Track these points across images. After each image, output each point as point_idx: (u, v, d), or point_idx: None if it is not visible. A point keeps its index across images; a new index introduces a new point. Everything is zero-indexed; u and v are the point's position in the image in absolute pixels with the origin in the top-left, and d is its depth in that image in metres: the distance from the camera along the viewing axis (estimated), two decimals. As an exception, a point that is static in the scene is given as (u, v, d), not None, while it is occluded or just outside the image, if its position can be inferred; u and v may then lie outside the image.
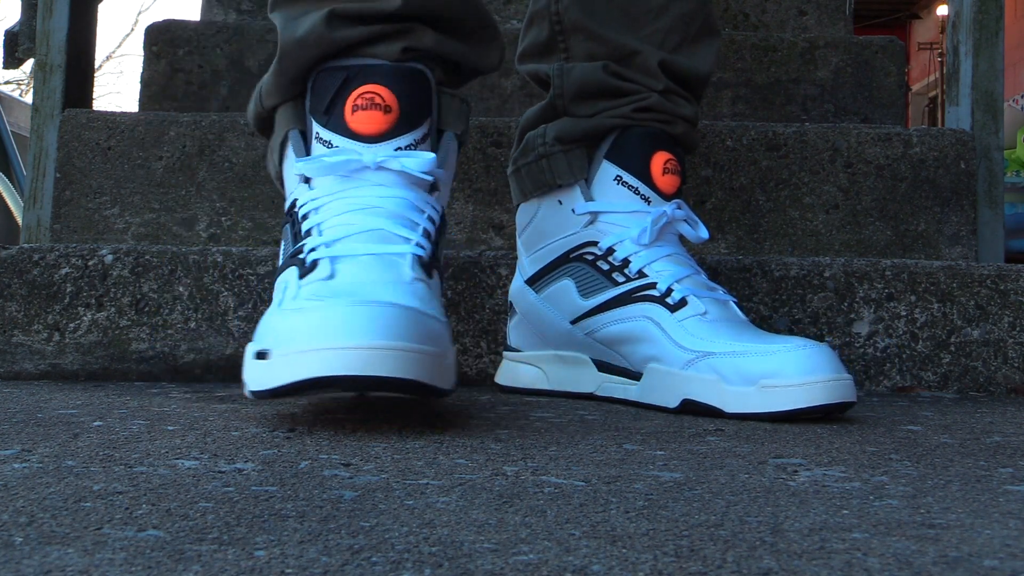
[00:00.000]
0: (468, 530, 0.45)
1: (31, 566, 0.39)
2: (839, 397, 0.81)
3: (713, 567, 0.40)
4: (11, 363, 1.06)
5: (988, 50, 1.42)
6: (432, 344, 0.69)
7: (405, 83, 0.84)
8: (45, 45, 1.48)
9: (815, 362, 0.82)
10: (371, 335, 0.65)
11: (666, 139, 0.98)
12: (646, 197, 0.95)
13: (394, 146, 0.82)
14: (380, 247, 0.77)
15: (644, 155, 0.96)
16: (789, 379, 0.81)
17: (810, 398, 0.81)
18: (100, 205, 1.38)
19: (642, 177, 0.96)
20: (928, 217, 1.34)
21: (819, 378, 0.81)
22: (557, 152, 0.99)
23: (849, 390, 0.82)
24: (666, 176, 0.96)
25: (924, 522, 0.48)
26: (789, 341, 0.84)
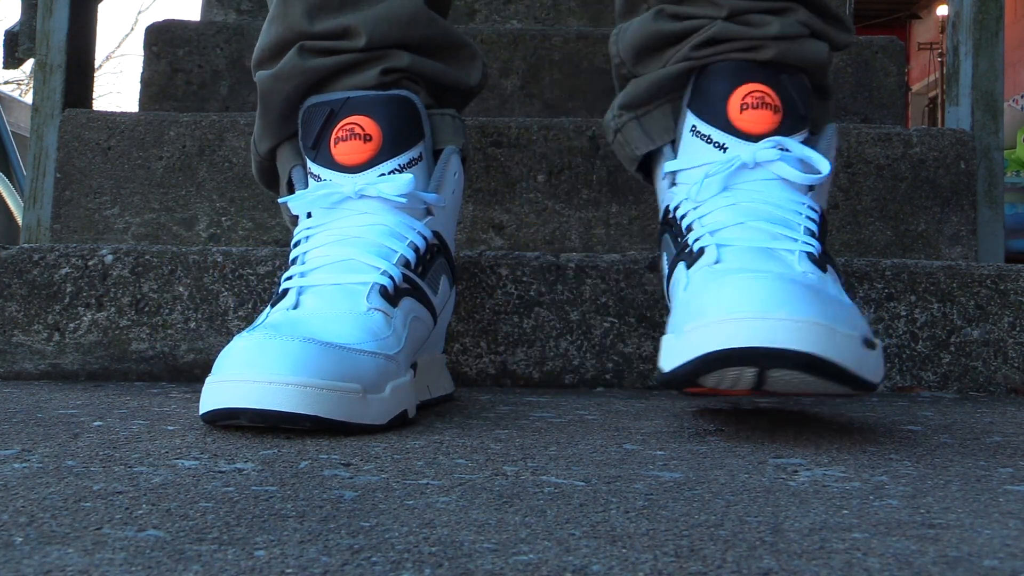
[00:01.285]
0: (468, 530, 0.45)
1: (31, 566, 0.39)
2: (774, 340, 0.62)
3: (713, 567, 0.40)
4: (11, 363, 1.06)
5: (988, 50, 1.42)
6: (348, 380, 0.70)
7: (387, 110, 0.85)
8: (45, 45, 1.48)
9: (739, 294, 0.64)
10: (272, 370, 0.67)
11: (750, 69, 0.84)
12: (720, 144, 0.82)
13: (377, 173, 0.83)
14: (345, 277, 0.79)
15: (720, 94, 0.83)
16: (704, 319, 0.65)
17: (717, 341, 0.63)
18: (100, 205, 1.38)
19: (717, 121, 0.83)
20: (928, 217, 1.34)
21: (734, 314, 0.63)
22: (628, 120, 0.91)
23: (798, 333, 0.63)
24: (746, 113, 0.82)
25: (924, 522, 0.48)
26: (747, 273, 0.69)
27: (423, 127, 0.87)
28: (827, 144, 0.85)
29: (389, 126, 0.84)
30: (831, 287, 0.73)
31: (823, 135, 0.86)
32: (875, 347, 0.69)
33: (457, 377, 1.04)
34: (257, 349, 0.69)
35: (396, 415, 0.74)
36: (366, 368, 0.72)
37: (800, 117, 0.84)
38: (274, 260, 1.07)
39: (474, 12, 1.84)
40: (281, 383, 0.67)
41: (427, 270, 0.84)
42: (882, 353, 0.71)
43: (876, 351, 0.69)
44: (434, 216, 0.86)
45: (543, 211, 1.32)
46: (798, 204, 0.79)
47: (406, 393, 0.76)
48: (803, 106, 0.84)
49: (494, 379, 1.04)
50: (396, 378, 0.75)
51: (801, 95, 0.85)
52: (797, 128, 0.83)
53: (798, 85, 0.85)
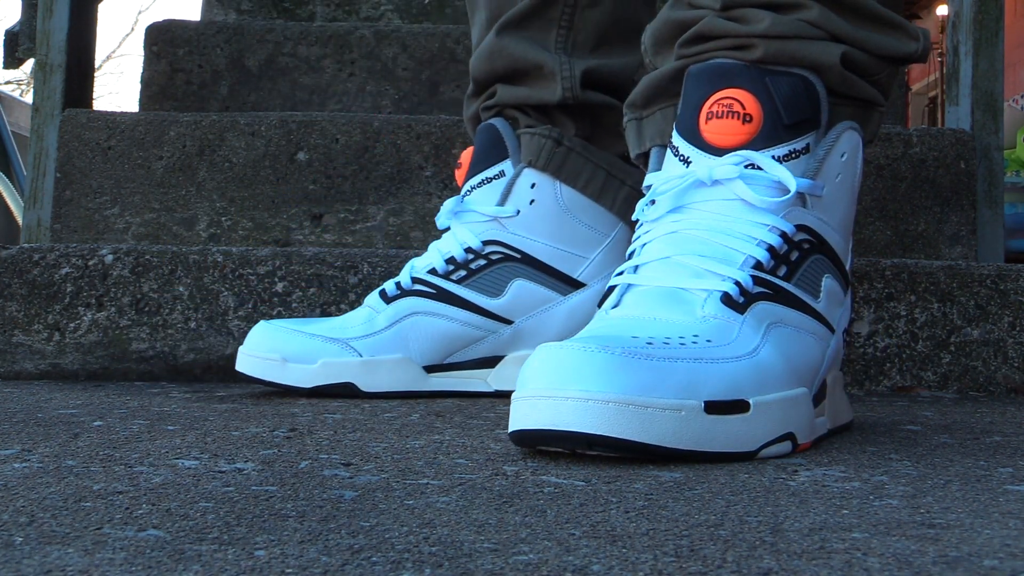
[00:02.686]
0: (468, 530, 0.45)
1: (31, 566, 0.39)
2: (540, 422, 0.59)
3: (713, 567, 0.40)
4: (11, 363, 1.06)
5: (988, 50, 1.42)
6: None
7: (477, 139, 1.02)
8: (45, 45, 1.48)
9: (534, 370, 0.61)
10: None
11: (732, 72, 0.74)
12: (685, 157, 0.74)
13: (463, 192, 1.01)
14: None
15: (695, 100, 0.75)
16: (516, 391, 0.62)
17: (513, 420, 0.62)
18: (100, 205, 1.38)
19: (687, 131, 0.74)
20: (928, 217, 1.34)
21: (526, 392, 0.60)
22: (630, 121, 0.85)
23: (582, 412, 0.57)
24: (711, 123, 0.73)
25: (924, 522, 0.48)
26: (580, 340, 0.62)
27: (505, 148, 1.00)
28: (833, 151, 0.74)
29: (475, 153, 1.01)
30: (723, 336, 0.65)
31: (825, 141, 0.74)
32: (740, 410, 0.61)
33: (457, 377, 1.04)
34: None
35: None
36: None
37: (784, 127, 0.72)
38: (274, 260, 1.07)
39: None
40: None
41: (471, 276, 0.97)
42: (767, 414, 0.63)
43: (738, 416, 0.61)
44: (502, 226, 0.97)
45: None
46: (756, 227, 0.70)
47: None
48: (790, 114, 0.73)
49: (494, 379, 1.04)
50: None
51: (791, 102, 0.73)
52: (778, 140, 0.72)
53: (790, 90, 0.73)
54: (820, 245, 0.74)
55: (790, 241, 0.71)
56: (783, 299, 0.70)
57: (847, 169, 0.75)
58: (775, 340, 0.67)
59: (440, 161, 1.38)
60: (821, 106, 0.75)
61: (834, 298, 0.75)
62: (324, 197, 1.37)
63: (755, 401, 0.62)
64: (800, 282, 0.72)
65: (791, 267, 0.71)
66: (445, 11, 1.91)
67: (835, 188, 0.74)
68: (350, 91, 1.64)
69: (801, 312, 0.71)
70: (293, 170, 1.38)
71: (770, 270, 0.70)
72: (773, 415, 0.63)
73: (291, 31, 1.64)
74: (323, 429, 0.73)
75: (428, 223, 1.36)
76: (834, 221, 0.75)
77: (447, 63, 1.64)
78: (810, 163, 0.73)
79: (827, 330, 0.73)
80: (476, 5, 1.07)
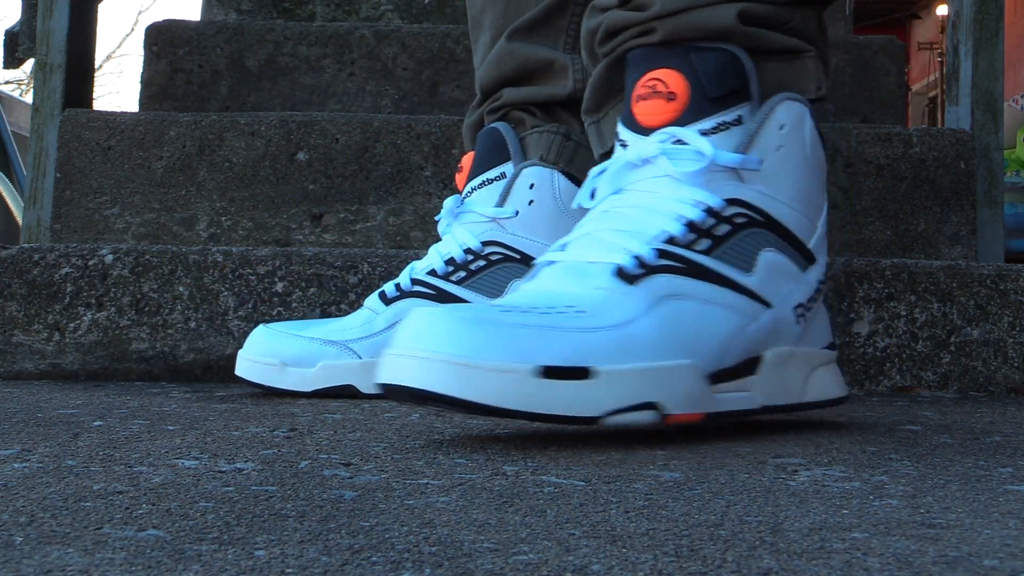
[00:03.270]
0: (468, 530, 0.45)
1: (31, 566, 0.39)
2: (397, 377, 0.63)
3: (713, 567, 0.40)
4: (11, 363, 1.06)
5: (988, 50, 1.42)
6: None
7: (479, 142, 1.03)
8: (45, 45, 1.48)
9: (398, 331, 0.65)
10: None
11: (656, 55, 0.76)
12: (623, 142, 0.76)
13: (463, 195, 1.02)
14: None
15: (629, 87, 0.77)
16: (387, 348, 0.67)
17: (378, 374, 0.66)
18: (100, 205, 1.38)
19: (625, 117, 0.77)
20: (928, 217, 1.34)
21: (391, 350, 0.65)
22: (590, 125, 0.87)
23: (401, 370, 0.62)
24: (640, 105, 0.75)
25: (924, 522, 0.48)
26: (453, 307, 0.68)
27: (508, 150, 1.01)
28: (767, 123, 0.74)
29: (477, 155, 1.02)
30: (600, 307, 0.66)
31: (759, 113, 0.74)
32: (581, 376, 0.63)
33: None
34: None
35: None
36: None
37: (711, 101, 0.73)
38: (274, 260, 1.07)
39: (474, 12, 1.84)
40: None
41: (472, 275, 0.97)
42: (616, 381, 0.64)
43: (577, 382, 0.63)
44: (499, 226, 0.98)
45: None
46: (678, 203, 0.72)
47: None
48: (715, 87, 0.73)
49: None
50: None
51: (717, 75, 0.73)
52: (704, 113, 0.73)
53: (715, 64, 0.74)
54: (762, 220, 0.74)
55: (716, 215, 0.72)
56: (694, 273, 0.70)
57: (789, 140, 0.75)
58: (664, 312, 0.68)
59: (440, 161, 1.38)
60: (749, 76, 0.75)
61: (778, 273, 0.74)
62: (324, 197, 1.37)
63: (602, 369, 0.63)
64: (725, 255, 0.72)
65: (716, 241, 0.72)
66: (445, 11, 1.91)
67: (778, 160, 0.74)
68: (350, 91, 1.64)
69: (716, 285, 0.71)
70: (293, 170, 1.38)
71: (686, 244, 0.71)
72: (624, 383, 0.64)
73: (291, 31, 1.64)
74: (323, 429, 0.73)
75: (428, 223, 1.36)
76: (783, 194, 0.75)
77: (447, 63, 1.64)
78: (742, 136, 0.73)
79: (756, 305, 0.73)
80: (481, 26, 1.09)
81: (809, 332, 0.77)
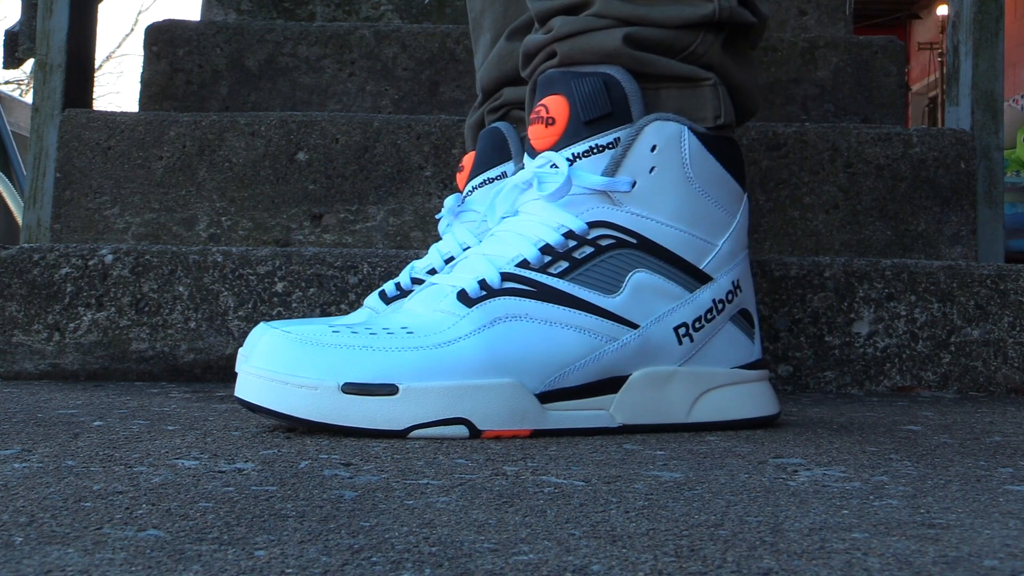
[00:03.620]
0: (468, 530, 0.45)
1: (31, 566, 0.39)
2: (238, 390, 0.71)
3: (713, 567, 0.40)
4: (11, 363, 1.06)
5: (988, 50, 1.42)
6: None
7: (479, 142, 1.03)
8: (45, 45, 1.48)
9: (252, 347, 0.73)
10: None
11: (551, 81, 0.78)
12: (522, 165, 0.83)
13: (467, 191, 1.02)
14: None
15: (528, 112, 0.83)
16: None
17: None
18: (100, 205, 1.38)
19: (525, 140, 0.81)
20: (928, 217, 1.34)
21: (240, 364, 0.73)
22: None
23: (246, 383, 0.70)
24: (529, 129, 0.78)
25: (924, 522, 0.48)
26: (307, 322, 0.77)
27: (508, 149, 1.01)
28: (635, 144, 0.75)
29: (478, 155, 1.02)
30: (428, 328, 0.71)
31: (626, 135, 0.76)
32: (386, 392, 0.68)
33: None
34: None
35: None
36: None
37: (584, 124, 0.75)
38: (274, 260, 1.07)
39: (474, 12, 1.84)
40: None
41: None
42: (421, 398, 0.69)
43: (381, 398, 0.68)
44: None
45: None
46: (541, 227, 0.75)
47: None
48: (587, 111, 0.75)
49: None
50: None
51: (590, 99, 0.75)
52: (581, 136, 0.75)
53: (589, 88, 0.76)
54: (635, 241, 0.75)
55: (577, 238, 0.74)
56: (541, 295, 0.73)
57: (664, 161, 0.76)
58: (493, 334, 0.71)
59: (440, 161, 1.38)
60: (630, 100, 0.76)
61: (652, 293, 0.75)
62: (324, 197, 1.37)
63: (406, 386, 0.68)
64: (583, 278, 0.74)
65: (573, 264, 0.74)
66: (445, 11, 1.91)
67: (653, 181, 0.75)
68: (350, 91, 1.64)
69: (565, 307, 0.73)
70: (293, 170, 1.38)
71: (540, 267, 0.74)
72: (429, 400, 0.69)
73: (291, 31, 1.64)
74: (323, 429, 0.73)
75: (428, 223, 1.36)
76: (662, 215, 0.76)
77: (447, 63, 1.64)
78: (611, 159, 0.75)
79: (618, 326, 0.74)
80: (481, 27, 1.09)
81: (706, 352, 0.77)
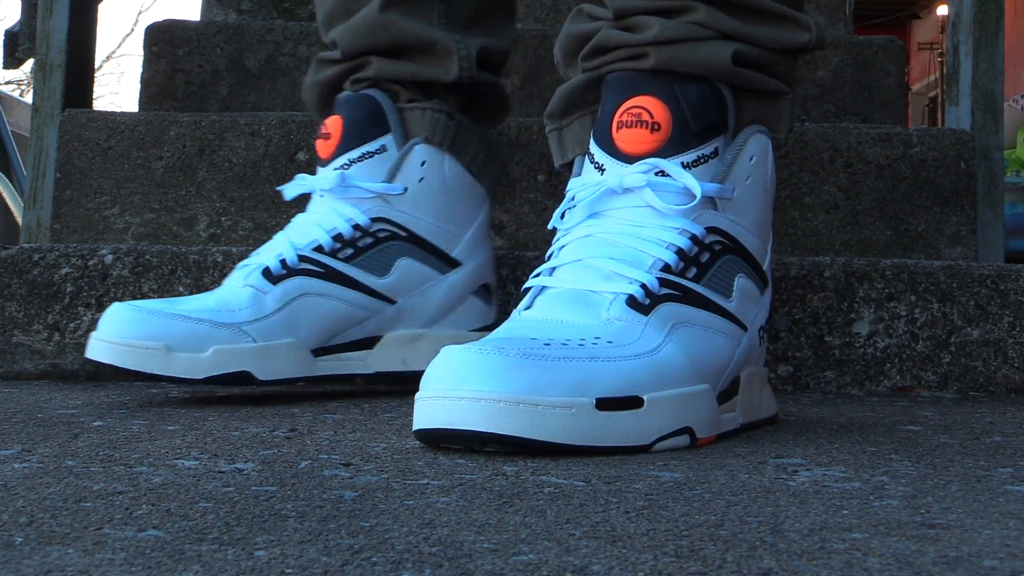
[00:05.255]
0: (468, 530, 0.45)
1: (31, 566, 0.39)
2: (435, 421, 0.62)
3: (713, 567, 0.40)
4: (11, 363, 1.06)
5: (988, 50, 1.42)
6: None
7: (348, 109, 0.96)
8: (45, 45, 1.48)
9: (432, 371, 0.64)
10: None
11: (639, 81, 0.77)
12: (600, 165, 0.76)
13: (335, 165, 0.95)
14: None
15: (608, 110, 0.77)
16: (419, 392, 0.65)
17: (415, 419, 0.65)
18: (100, 205, 1.38)
19: (601, 139, 0.77)
20: (928, 217, 1.34)
21: (424, 393, 0.64)
22: (551, 131, 0.87)
23: (457, 413, 0.61)
24: (621, 132, 0.75)
25: (924, 522, 0.48)
26: (481, 344, 0.64)
27: (387, 122, 0.96)
28: (740, 155, 0.76)
29: (348, 124, 0.95)
30: (625, 337, 0.67)
31: (733, 145, 0.77)
32: (634, 406, 0.64)
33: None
34: None
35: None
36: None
37: (692, 133, 0.75)
38: (274, 260, 1.07)
39: (474, 12, 1.84)
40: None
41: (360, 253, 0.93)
42: (662, 409, 0.65)
43: (631, 412, 0.64)
44: (387, 203, 0.95)
45: (543, 211, 1.32)
46: (665, 231, 0.73)
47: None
48: (698, 121, 0.75)
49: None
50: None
51: (699, 109, 0.75)
52: (686, 146, 0.74)
53: (698, 97, 0.75)
54: (733, 246, 0.76)
55: (700, 243, 0.74)
56: (691, 300, 0.72)
57: (756, 171, 0.78)
58: (679, 339, 0.70)
59: (440, 161, 1.38)
60: (728, 111, 0.77)
61: (748, 297, 0.77)
62: (324, 197, 1.37)
63: (649, 397, 0.65)
64: (710, 283, 0.74)
65: (700, 268, 0.74)
66: (445, 11, 1.91)
67: (746, 190, 0.77)
68: (350, 91, 1.64)
69: (710, 312, 0.73)
70: (293, 170, 1.38)
71: (679, 272, 0.72)
72: (669, 410, 0.66)
73: (291, 31, 1.65)
74: (323, 429, 0.73)
75: (428, 223, 1.36)
76: (747, 222, 0.77)
77: (447, 63, 1.64)
78: (719, 167, 0.76)
79: (739, 328, 0.75)
80: None
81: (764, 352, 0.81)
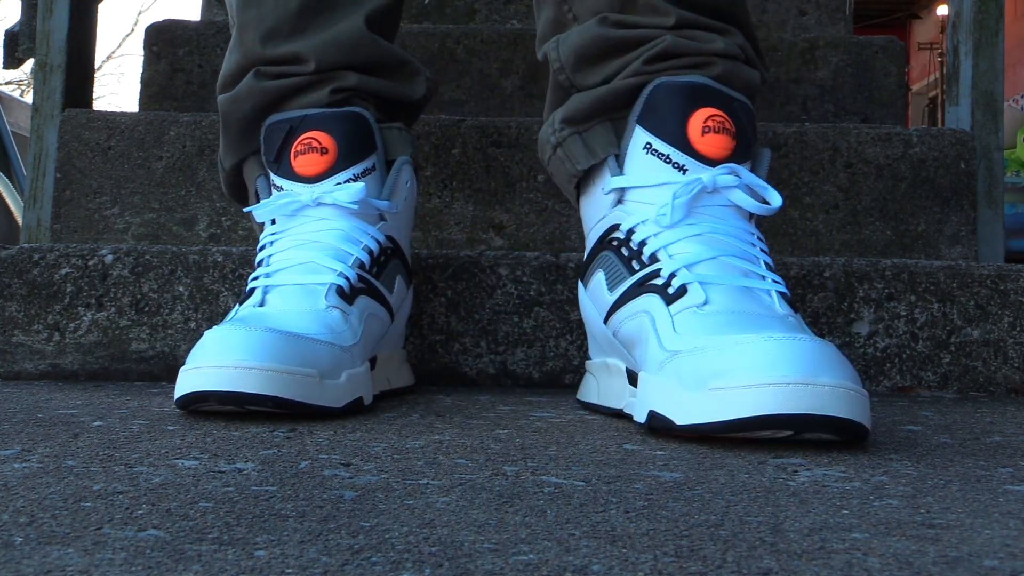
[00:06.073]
0: (468, 530, 0.45)
1: (31, 566, 0.39)
2: (800, 407, 0.63)
3: (713, 567, 0.40)
4: (11, 363, 1.06)
5: (988, 50, 1.42)
6: (306, 366, 0.77)
7: (341, 125, 0.93)
8: (45, 45, 1.48)
9: (776, 358, 0.64)
10: (238, 356, 0.74)
11: (704, 90, 0.82)
12: (680, 165, 0.80)
13: (333, 182, 0.91)
14: (306, 278, 0.86)
15: (679, 113, 0.81)
16: (737, 379, 0.64)
17: (756, 405, 0.63)
18: (100, 205, 1.38)
19: (677, 141, 0.81)
20: (928, 217, 1.34)
21: (775, 379, 0.63)
22: (571, 135, 0.89)
23: (823, 399, 0.63)
24: (707, 136, 0.80)
25: (924, 522, 0.48)
26: (769, 332, 0.68)
27: (375, 140, 0.95)
28: (765, 171, 0.85)
29: (344, 140, 0.92)
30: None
31: (761, 161, 0.85)
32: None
33: (457, 377, 1.04)
34: (225, 339, 0.76)
35: (351, 401, 0.81)
36: (323, 356, 0.79)
37: (748, 144, 0.83)
38: (274, 260, 1.07)
39: (474, 12, 1.85)
40: (245, 368, 0.74)
41: (382, 271, 0.92)
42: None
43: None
44: (387, 221, 0.94)
45: (543, 211, 1.32)
46: (750, 235, 0.80)
47: (361, 382, 0.83)
48: (751, 132, 0.84)
49: (494, 379, 1.05)
50: (351, 367, 0.82)
51: (749, 121, 0.84)
52: (746, 155, 0.83)
53: (746, 110, 0.84)
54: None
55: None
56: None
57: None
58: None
59: (440, 161, 1.38)
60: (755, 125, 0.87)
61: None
62: (324, 197, 1.37)
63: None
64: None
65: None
66: (445, 11, 1.91)
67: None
68: (350, 91, 1.64)
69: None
70: (293, 170, 1.38)
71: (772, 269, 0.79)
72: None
73: (291, 31, 1.64)
74: (323, 429, 0.73)
75: (427, 222, 1.36)
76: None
77: (447, 63, 1.64)
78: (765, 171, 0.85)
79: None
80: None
81: None
